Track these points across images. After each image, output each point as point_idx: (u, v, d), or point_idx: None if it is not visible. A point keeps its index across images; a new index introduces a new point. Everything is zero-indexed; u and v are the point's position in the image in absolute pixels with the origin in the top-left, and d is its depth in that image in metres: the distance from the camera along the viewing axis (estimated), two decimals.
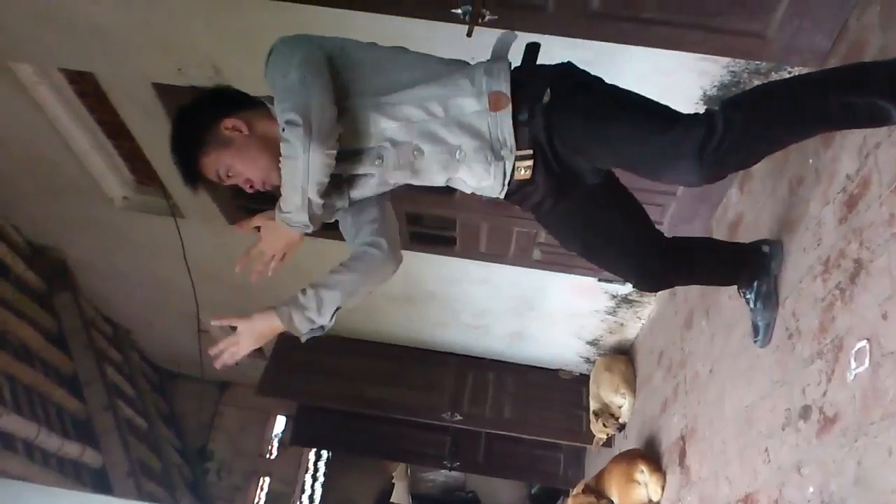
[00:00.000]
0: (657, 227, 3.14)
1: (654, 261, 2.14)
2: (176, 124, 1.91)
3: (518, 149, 1.80)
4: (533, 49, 1.94)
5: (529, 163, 1.83)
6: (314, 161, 1.66)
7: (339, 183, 1.88)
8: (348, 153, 1.82)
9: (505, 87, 1.78)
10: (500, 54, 1.87)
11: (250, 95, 1.95)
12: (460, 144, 1.80)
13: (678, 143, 1.69)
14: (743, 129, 1.67)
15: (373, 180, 1.89)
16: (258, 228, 1.93)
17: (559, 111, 1.79)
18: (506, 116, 1.78)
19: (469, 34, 2.27)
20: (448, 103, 1.79)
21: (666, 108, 1.80)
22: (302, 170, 1.67)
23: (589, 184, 1.96)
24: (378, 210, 2.04)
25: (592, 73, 1.91)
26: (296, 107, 1.66)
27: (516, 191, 1.91)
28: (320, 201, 1.74)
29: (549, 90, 1.79)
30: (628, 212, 2.12)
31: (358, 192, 1.93)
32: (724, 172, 1.79)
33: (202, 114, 1.88)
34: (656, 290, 2.29)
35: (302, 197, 1.70)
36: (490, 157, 1.82)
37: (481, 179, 1.87)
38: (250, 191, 1.92)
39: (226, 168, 1.87)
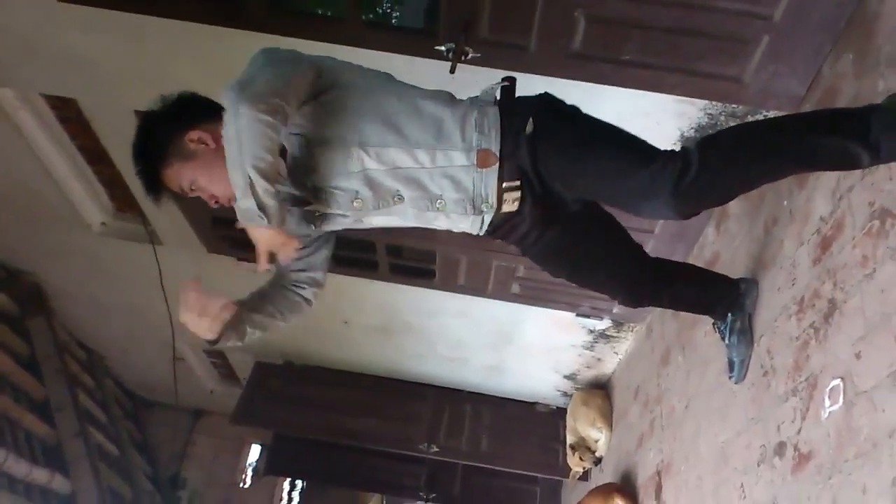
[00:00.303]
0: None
1: (640, 277, 2.18)
2: (140, 132, 1.84)
3: (506, 181, 1.79)
4: (510, 82, 1.96)
5: (517, 194, 1.82)
6: (243, 126, 1.53)
7: (311, 217, 1.86)
8: (325, 190, 1.79)
9: (494, 146, 1.77)
10: (489, 98, 1.87)
11: (218, 104, 1.76)
12: (442, 194, 1.79)
13: (654, 179, 1.71)
14: (717, 167, 1.71)
15: (347, 220, 1.87)
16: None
17: (542, 141, 1.79)
18: (492, 174, 1.77)
19: (452, 71, 2.30)
20: (437, 154, 1.76)
21: (643, 143, 1.83)
22: (234, 140, 1.54)
23: (571, 210, 1.96)
24: (329, 249, 2.04)
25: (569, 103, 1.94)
26: (237, 80, 1.60)
27: (502, 224, 1.90)
28: (265, 184, 1.55)
29: (531, 120, 1.79)
30: (612, 232, 2.14)
31: (329, 227, 1.91)
32: (699, 208, 1.82)
33: (167, 123, 1.81)
34: (642, 306, 2.31)
35: (242, 175, 1.54)
36: (469, 210, 1.81)
37: (458, 224, 1.87)
38: (215, 206, 1.84)
39: (189, 182, 1.81)
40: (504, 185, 1.79)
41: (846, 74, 2.09)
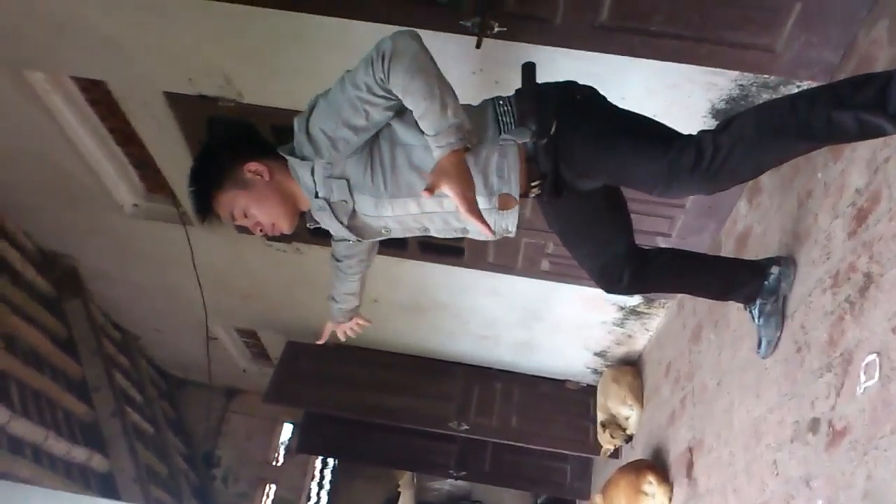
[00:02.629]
0: (665, 237, 3.17)
1: (617, 267, 2.23)
2: (199, 157, 1.98)
3: (528, 182, 1.94)
4: (529, 69, 1.99)
5: (536, 191, 1.98)
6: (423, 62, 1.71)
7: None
8: (358, 223, 2.00)
9: (515, 190, 1.88)
10: (510, 140, 1.88)
11: (274, 146, 1.99)
12: (465, 226, 1.97)
13: (672, 166, 1.79)
14: (731, 150, 1.76)
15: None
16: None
17: (564, 141, 1.88)
18: (513, 214, 1.93)
19: (478, 46, 2.28)
20: None
21: (661, 129, 1.90)
22: (422, 74, 1.69)
23: (583, 189, 2.04)
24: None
25: (593, 86, 2.00)
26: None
27: None
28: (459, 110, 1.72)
29: (555, 123, 1.87)
30: (608, 218, 2.20)
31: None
32: (720, 188, 1.86)
33: (227, 152, 1.95)
34: (615, 293, 2.36)
35: (441, 103, 1.68)
36: (488, 234, 1.86)
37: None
38: (259, 234, 2.00)
39: (241, 209, 1.95)
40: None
41: (881, 41, 2.03)
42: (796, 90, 2.49)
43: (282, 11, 2.42)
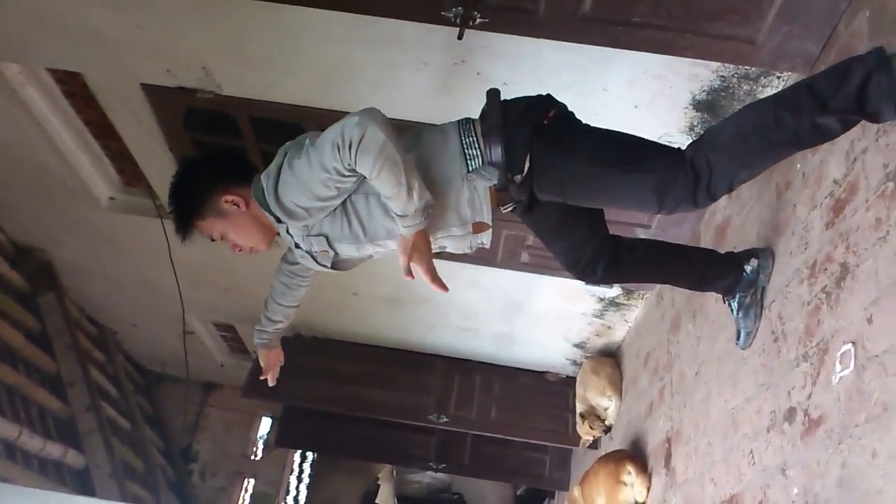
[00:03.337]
0: (645, 229, 3.19)
1: (591, 262, 2.25)
2: (180, 179, 2.03)
3: (500, 205, 2.01)
4: (493, 97, 2.00)
5: (509, 209, 2.04)
6: (389, 155, 1.74)
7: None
8: (344, 258, 2.08)
9: (487, 217, 1.96)
10: (482, 176, 1.92)
11: (252, 165, 2.09)
12: (444, 247, 2.06)
13: (667, 192, 1.84)
14: (726, 167, 1.82)
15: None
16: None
17: (540, 177, 1.93)
18: (487, 234, 2.02)
19: (460, 37, 2.27)
20: (437, 235, 1.98)
21: (643, 151, 1.92)
22: (391, 168, 1.73)
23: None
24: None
25: (562, 104, 2.03)
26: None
27: None
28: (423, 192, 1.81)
29: (527, 160, 1.91)
30: (581, 215, 2.21)
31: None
32: (715, 201, 1.94)
33: (206, 180, 2.00)
34: (590, 284, 2.42)
35: (407, 189, 1.76)
36: (466, 249, 2.07)
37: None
38: (237, 252, 2.11)
39: (219, 234, 2.06)
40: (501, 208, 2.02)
41: (861, 33, 2.05)
42: (776, 81, 2.51)
43: (261, 2, 2.40)
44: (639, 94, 2.66)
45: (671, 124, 2.78)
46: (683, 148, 1.91)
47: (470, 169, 1.91)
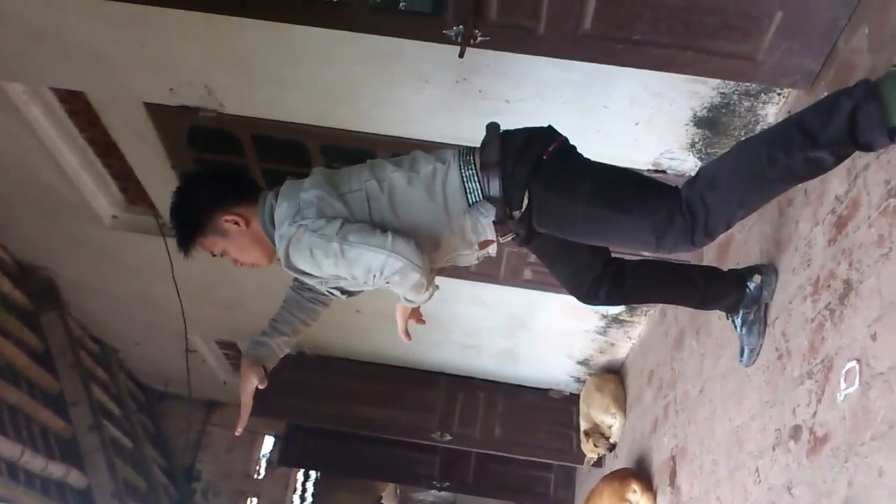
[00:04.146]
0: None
1: (594, 285, 2.23)
2: (181, 198, 2.05)
3: (499, 235, 2.02)
4: (493, 131, 2.01)
5: (509, 238, 2.06)
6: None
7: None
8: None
9: (490, 234, 1.98)
10: (480, 213, 1.95)
11: (257, 184, 2.13)
12: (451, 259, 2.09)
13: (665, 234, 1.86)
14: (722, 208, 1.83)
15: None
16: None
17: (538, 214, 1.96)
18: (492, 247, 2.04)
19: (461, 55, 2.28)
20: (444, 256, 2.04)
21: (642, 192, 1.93)
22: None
23: None
24: None
25: (563, 137, 2.03)
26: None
27: None
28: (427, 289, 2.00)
29: (525, 197, 1.93)
30: (583, 243, 2.19)
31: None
32: (714, 239, 1.94)
33: (208, 200, 2.02)
34: (593, 305, 2.40)
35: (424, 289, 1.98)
36: (473, 261, 2.11)
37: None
38: (238, 266, 2.17)
39: (220, 251, 2.09)
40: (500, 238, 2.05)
41: (861, 49, 2.06)
42: (777, 98, 2.52)
43: (265, 22, 2.41)
44: (639, 112, 2.66)
45: (672, 141, 2.78)
46: (680, 186, 1.91)
47: (470, 203, 1.94)
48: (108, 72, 2.87)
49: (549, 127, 2.05)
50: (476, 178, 1.94)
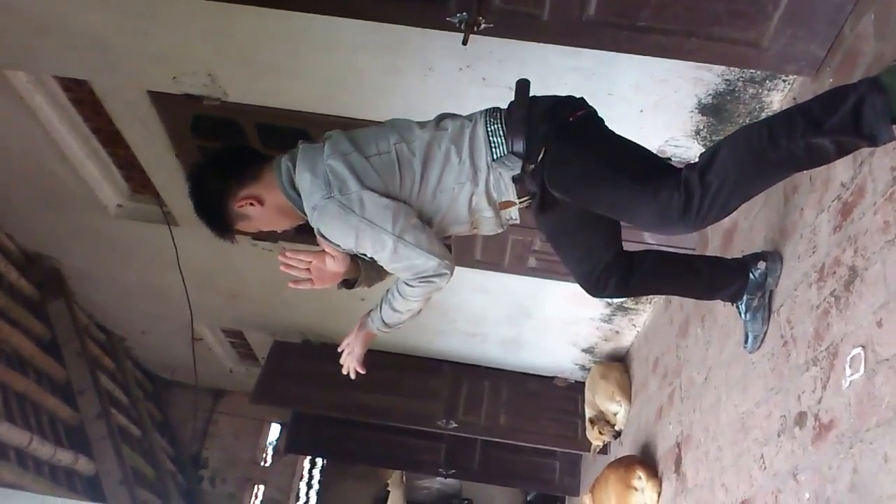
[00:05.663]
0: (651, 233, 3.17)
1: (604, 273, 2.22)
2: (194, 199, 2.02)
3: (517, 197, 2.01)
4: (523, 88, 2.02)
5: (526, 203, 2.05)
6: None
7: None
8: None
9: (512, 195, 2.00)
10: (504, 165, 1.96)
11: (258, 155, 2.08)
12: (476, 227, 2.09)
13: (663, 212, 1.85)
14: (718, 189, 1.80)
15: None
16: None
17: (551, 170, 1.94)
18: (514, 209, 2.05)
19: (465, 42, 2.27)
20: (469, 216, 2.03)
21: (650, 167, 1.93)
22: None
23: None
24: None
25: (591, 107, 2.04)
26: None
27: None
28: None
29: (542, 150, 1.93)
30: (598, 225, 2.19)
31: None
32: (708, 224, 1.92)
33: (216, 192, 1.98)
34: (601, 297, 2.38)
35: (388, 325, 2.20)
36: (498, 228, 2.10)
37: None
38: (281, 231, 2.15)
39: (255, 229, 2.08)
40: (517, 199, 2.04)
41: (867, 35, 2.04)
42: (782, 85, 2.51)
43: (267, 9, 2.41)
44: (644, 99, 2.65)
45: (677, 128, 2.77)
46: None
47: (494, 157, 1.95)
48: (111, 61, 2.87)
49: (581, 98, 2.05)
50: (501, 133, 1.95)
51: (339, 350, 2.28)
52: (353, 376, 2.26)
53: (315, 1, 2.35)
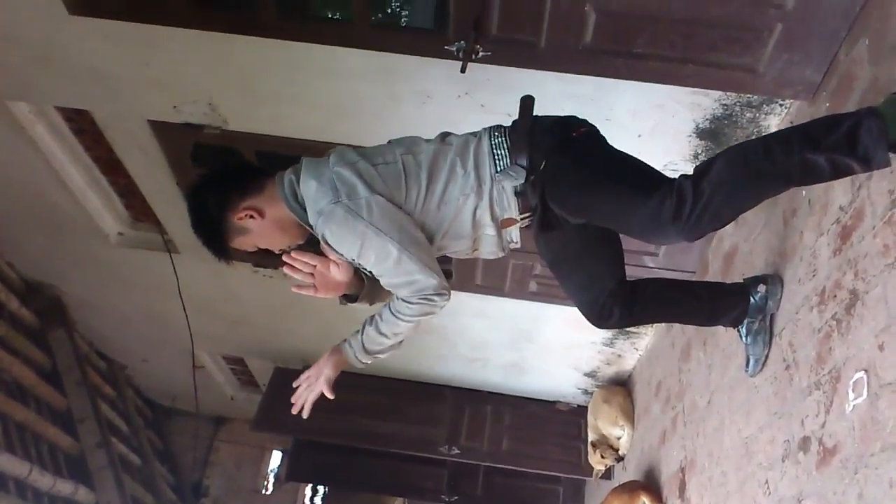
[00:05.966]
0: (652, 256, 3.18)
1: (608, 302, 2.19)
2: (192, 215, 2.01)
3: (519, 213, 2.00)
4: (527, 104, 2.04)
5: (527, 222, 2.04)
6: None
7: None
8: None
9: (515, 213, 2.00)
10: (508, 176, 1.96)
11: (259, 170, 2.06)
12: (478, 248, 2.08)
13: (654, 217, 1.84)
14: (711, 198, 1.79)
15: None
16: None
17: (551, 181, 1.95)
18: (515, 228, 2.04)
19: (463, 70, 2.29)
20: (471, 232, 2.01)
21: (645, 178, 1.92)
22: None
23: (573, 223, 2.05)
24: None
25: (593, 125, 2.04)
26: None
27: None
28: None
29: (544, 162, 1.93)
30: (601, 251, 2.19)
31: None
32: (701, 234, 1.89)
33: (215, 207, 1.96)
34: (605, 328, 2.35)
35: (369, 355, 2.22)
36: (500, 252, 2.08)
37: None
38: (279, 252, 2.08)
39: (252, 246, 2.02)
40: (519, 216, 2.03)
41: (862, 60, 2.06)
42: (779, 109, 2.52)
43: (267, 39, 2.43)
44: (642, 124, 2.66)
45: (675, 153, 2.78)
46: None
47: (498, 169, 1.95)
48: (112, 90, 2.89)
49: (585, 119, 2.07)
50: (505, 146, 1.96)
51: (295, 385, 2.20)
52: (304, 415, 2.14)
53: (316, 31, 2.38)
